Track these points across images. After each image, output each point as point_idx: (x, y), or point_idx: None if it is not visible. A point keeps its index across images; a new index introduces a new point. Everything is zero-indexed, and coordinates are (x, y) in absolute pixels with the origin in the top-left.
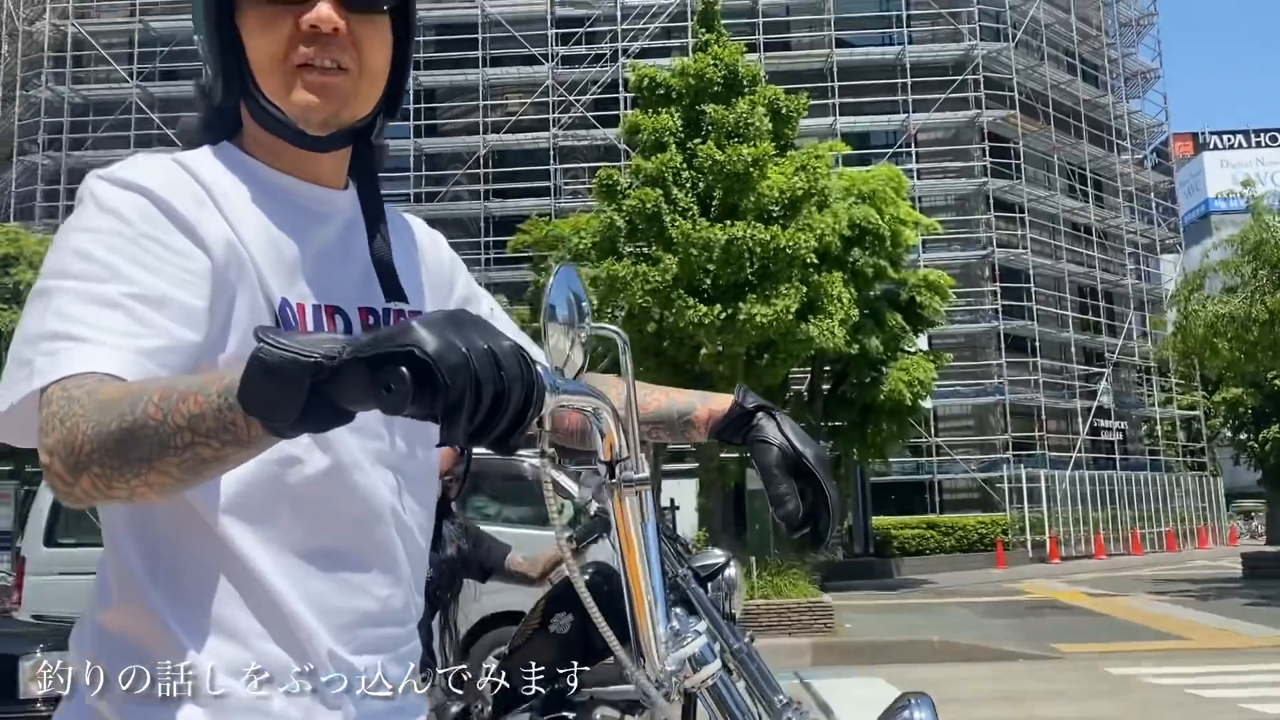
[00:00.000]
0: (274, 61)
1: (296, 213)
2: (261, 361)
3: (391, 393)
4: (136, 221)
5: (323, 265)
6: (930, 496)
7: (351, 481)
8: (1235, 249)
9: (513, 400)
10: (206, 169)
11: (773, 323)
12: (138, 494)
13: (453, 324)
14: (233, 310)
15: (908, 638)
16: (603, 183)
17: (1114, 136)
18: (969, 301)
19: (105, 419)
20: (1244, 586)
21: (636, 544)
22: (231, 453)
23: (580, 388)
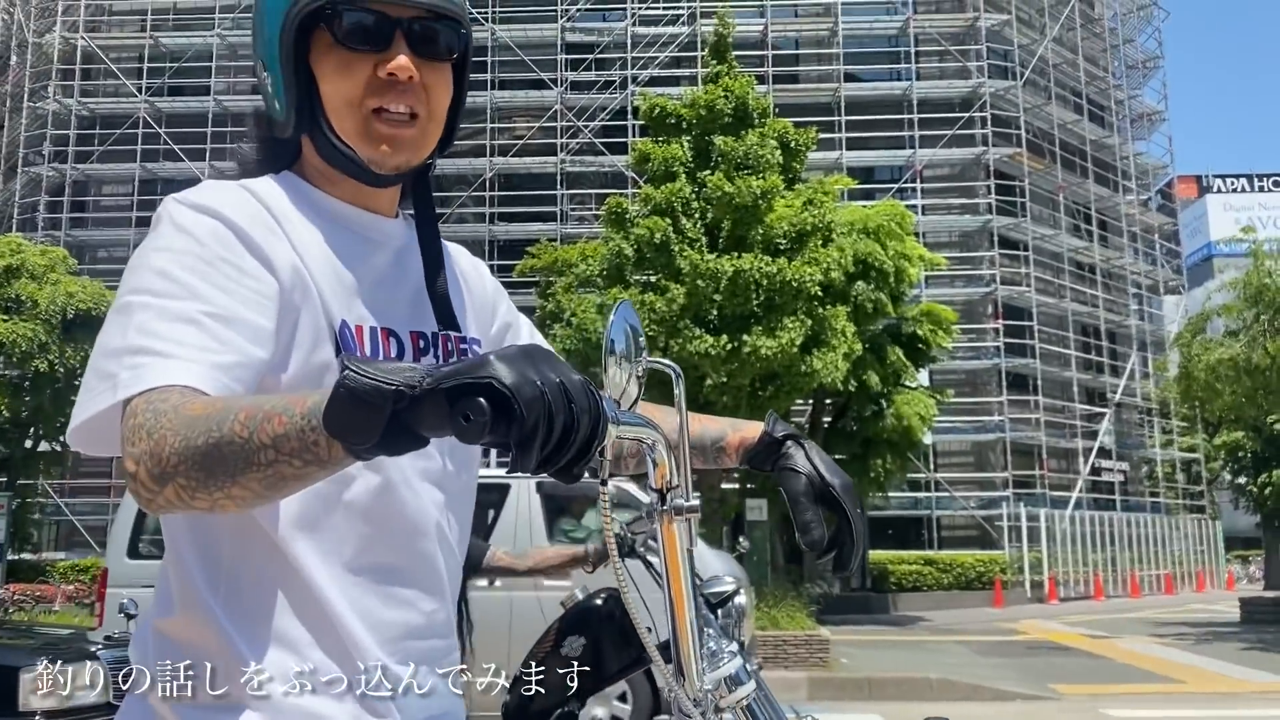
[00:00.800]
0: (350, 105)
1: (354, 239)
2: (347, 388)
3: (470, 422)
4: (211, 244)
5: (378, 289)
6: (928, 532)
7: (401, 498)
8: (1237, 293)
9: (581, 431)
10: (273, 197)
11: (777, 355)
12: (219, 505)
13: (528, 358)
14: (296, 330)
15: (905, 675)
16: (612, 210)
17: (1119, 177)
18: (971, 338)
19: (192, 434)
20: (1241, 631)
21: (682, 567)
22: (312, 471)
23: (637, 419)
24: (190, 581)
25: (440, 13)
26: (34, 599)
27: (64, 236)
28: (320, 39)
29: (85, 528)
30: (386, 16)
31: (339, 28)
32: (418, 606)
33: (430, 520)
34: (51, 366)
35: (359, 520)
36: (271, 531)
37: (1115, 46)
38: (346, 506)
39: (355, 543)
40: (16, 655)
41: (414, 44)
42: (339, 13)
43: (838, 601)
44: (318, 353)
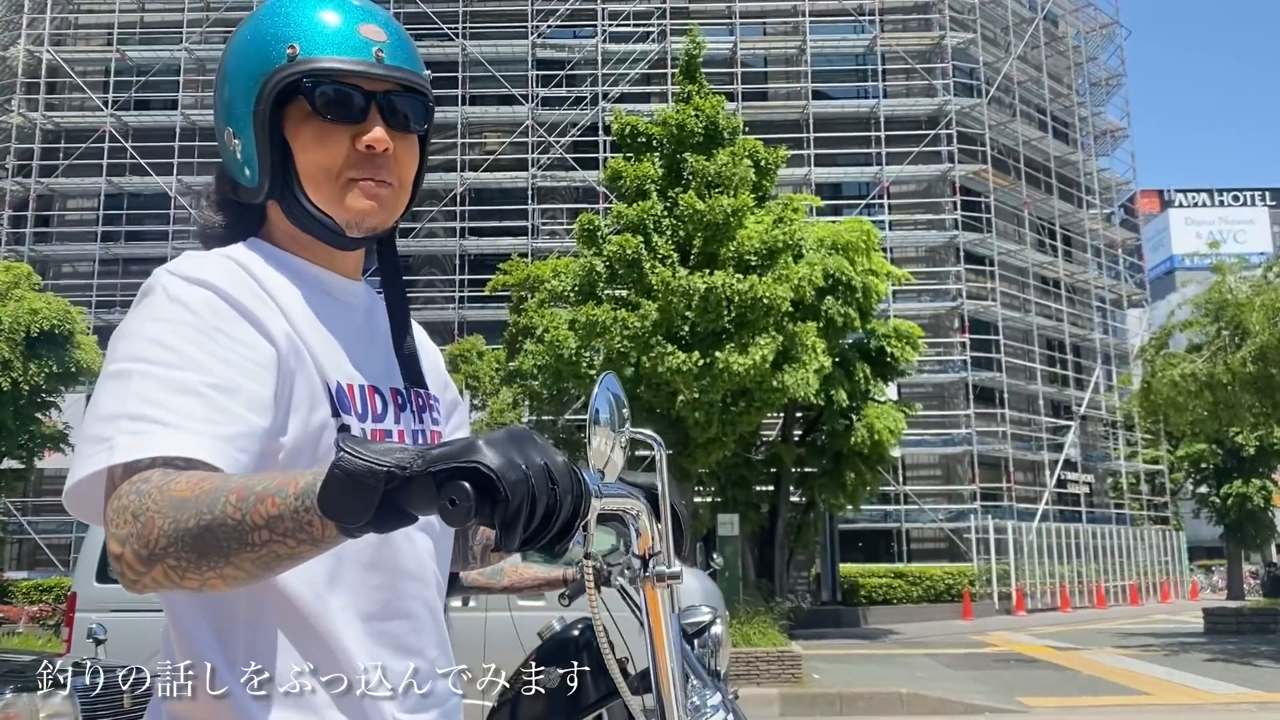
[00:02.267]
0: (327, 175)
1: (331, 302)
2: (342, 469)
3: (455, 506)
4: (206, 314)
5: (357, 349)
6: (898, 545)
7: (401, 548)
8: (1199, 310)
9: (563, 511)
10: (256, 264)
11: (749, 371)
12: (209, 585)
13: (514, 442)
14: (293, 394)
15: (876, 690)
16: (584, 227)
17: (1083, 193)
18: (938, 352)
19: (181, 515)
20: (1206, 641)
21: (665, 632)
22: (305, 551)
23: (620, 490)
24: (200, 652)
25: (410, 86)
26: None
27: (28, 251)
28: (295, 109)
29: (49, 546)
30: (363, 90)
31: (317, 100)
32: (423, 654)
33: (428, 568)
34: (15, 384)
35: (367, 571)
36: (293, 590)
37: (1079, 64)
38: (355, 558)
39: (367, 594)
40: None
41: (387, 116)
42: (317, 85)
43: (809, 616)
44: (316, 414)
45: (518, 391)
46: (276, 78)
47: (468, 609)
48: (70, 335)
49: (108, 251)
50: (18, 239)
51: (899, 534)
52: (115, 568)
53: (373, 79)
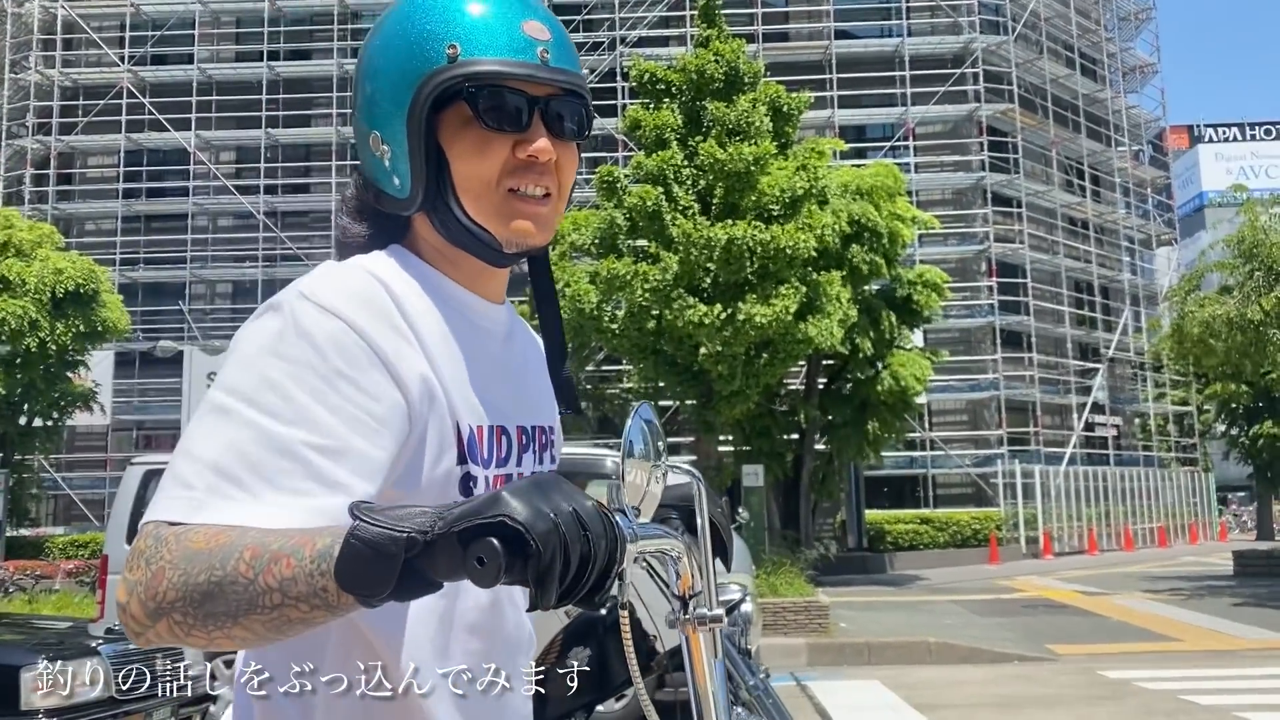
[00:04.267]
0: (487, 186)
1: (473, 331)
2: (358, 539)
3: (484, 566)
4: (332, 356)
5: (490, 383)
6: (924, 491)
7: (506, 613)
8: (1231, 250)
9: (599, 559)
10: (399, 283)
11: (772, 323)
12: (215, 643)
13: (539, 490)
14: (425, 440)
15: (903, 638)
16: (603, 179)
17: (1111, 131)
18: (965, 296)
19: (193, 569)
20: (1235, 585)
21: (707, 675)
22: (319, 616)
23: (656, 531)
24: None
25: (571, 89)
26: (34, 577)
27: (51, 210)
28: (453, 114)
29: (83, 501)
30: (526, 95)
31: (480, 106)
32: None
33: (526, 633)
34: (43, 343)
35: (469, 636)
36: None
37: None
38: (458, 621)
39: (466, 660)
40: (17, 654)
41: (549, 123)
42: (481, 90)
43: (835, 563)
44: (443, 460)
45: None
46: (435, 80)
47: None
48: (96, 294)
49: (129, 208)
50: (40, 197)
51: (925, 480)
52: (120, 617)
53: (538, 83)
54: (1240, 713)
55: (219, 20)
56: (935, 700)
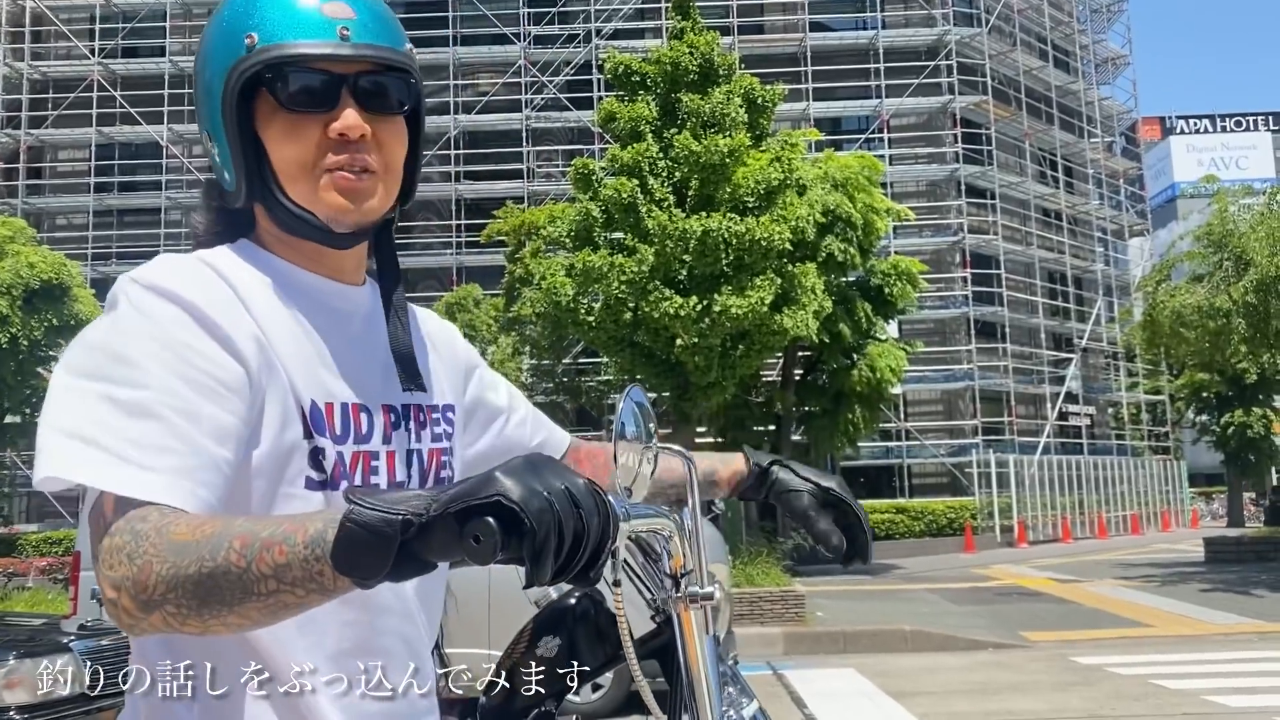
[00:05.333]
0: (302, 169)
1: (321, 311)
2: (354, 523)
3: (480, 543)
4: (172, 329)
5: (347, 363)
6: (899, 481)
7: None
8: (1201, 241)
9: (592, 535)
10: (232, 270)
11: (748, 314)
12: (211, 630)
13: (532, 470)
14: (264, 412)
15: (879, 627)
16: (579, 171)
17: (1084, 122)
18: (939, 287)
19: (182, 561)
20: (1206, 571)
21: (699, 653)
22: (315, 600)
23: (649, 512)
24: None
25: (387, 64)
26: (7, 575)
27: (21, 205)
28: (263, 105)
29: (57, 498)
30: (330, 74)
31: (282, 91)
32: (397, 687)
33: (410, 603)
34: (14, 339)
35: (341, 607)
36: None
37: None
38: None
39: (338, 630)
40: None
41: (362, 100)
42: (281, 75)
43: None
44: (287, 433)
45: (516, 340)
46: (237, 71)
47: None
48: (67, 289)
49: (101, 203)
50: (11, 192)
51: (901, 470)
52: (110, 611)
53: (340, 61)
54: (1209, 695)
55: (190, 12)
56: (911, 688)
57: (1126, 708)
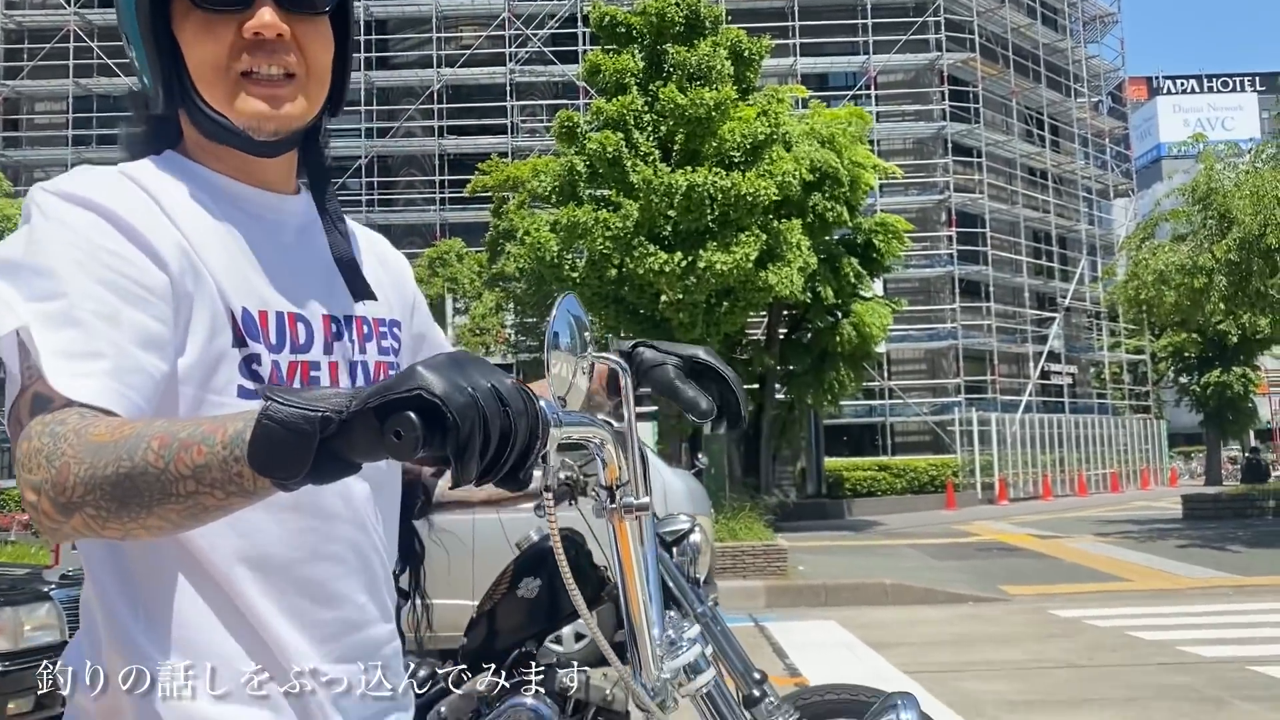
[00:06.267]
0: (217, 71)
1: (249, 220)
2: (271, 420)
3: (401, 439)
4: (89, 234)
5: (282, 272)
6: (882, 439)
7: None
8: (1185, 198)
9: (519, 436)
10: (154, 180)
11: (732, 271)
12: (132, 534)
13: (457, 366)
14: (191, 318)
15: (860, 580)
16: (563, 124)
17: (1071, 81)
18: (925, 246)
19: (99, 462)
20: (1183, 527)
21: (635, 564)
22: (236, 502)
23: (583, 419)
24: (109, 604)
25: None
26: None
27: None
28: (179, 5)
29: None
30: None
31: None
32: (352, 600)
33: (360, 512)
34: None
35: (287, 513)
36: (184, 535)
37: None
38: (271, 501)
39: (283, 538)
40: None
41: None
42: None
43: (794, 510)
44: (215, 341)
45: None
46: None
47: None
48: None
49: (79, 155)
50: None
51: (884, 428)
52: (31, 515)
53: None
54: (1183, 646)
55: None
56: (891, 639)
57: (1103, 657)
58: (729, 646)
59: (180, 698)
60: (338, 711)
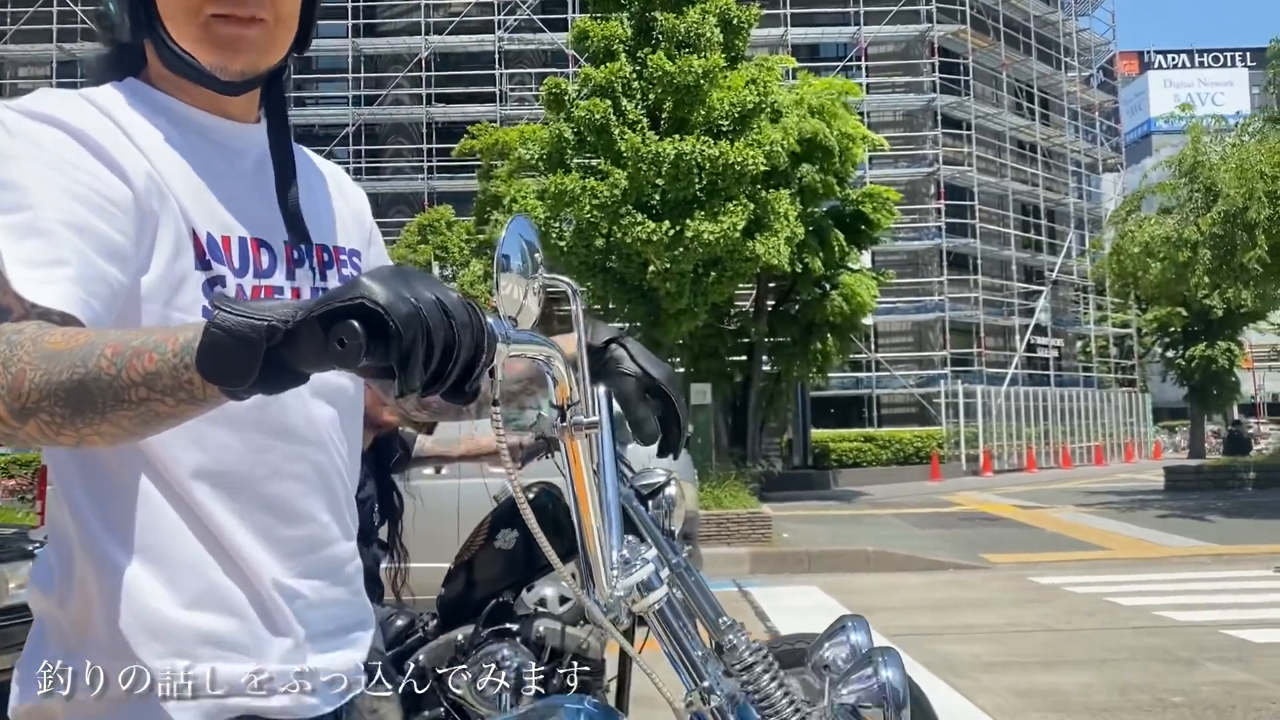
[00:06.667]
0: (185, 11)
1: (212, 148)
2: (218, 327)
3: (345, 347)
4: (53, 149)
5: (243, 199)
6: (868, 410)
7: (292, 409)
8: (1173, 171)
9: (464, 348)
10: (117, 107)
11: (720, 240)
12: (87, 441)
13: (401, 277)
14: (156, 238)
15: (843, 547)
16: (550, 91)
17: (1062, 54)
18: (913, 219)
19: (54, 368)
20: (1165, 499)
21: (586, 481)
22: (186, 410)
23: (531, 337)
24: (78, 511)
25: None
26: None
27: None
28: None
29: None
30: None
31: None
32: (316, 518)
33: (323, 433)
34: None
35: (251, 432)
36: (155, 449)
37: None
38: (235, 420)
39: (246, 456)
40: None
41: None
42: None
43: (780, 480)
44: (179, 262)
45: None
46: None
47: (440, 477)
48: None
49: None
50: None
51: (870, 400)
52: None
53: None
54: (1159, 611)
55: None
56: (872, 604)
57: (1080, 622)
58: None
59: (147, 604)
60: (301, 624)
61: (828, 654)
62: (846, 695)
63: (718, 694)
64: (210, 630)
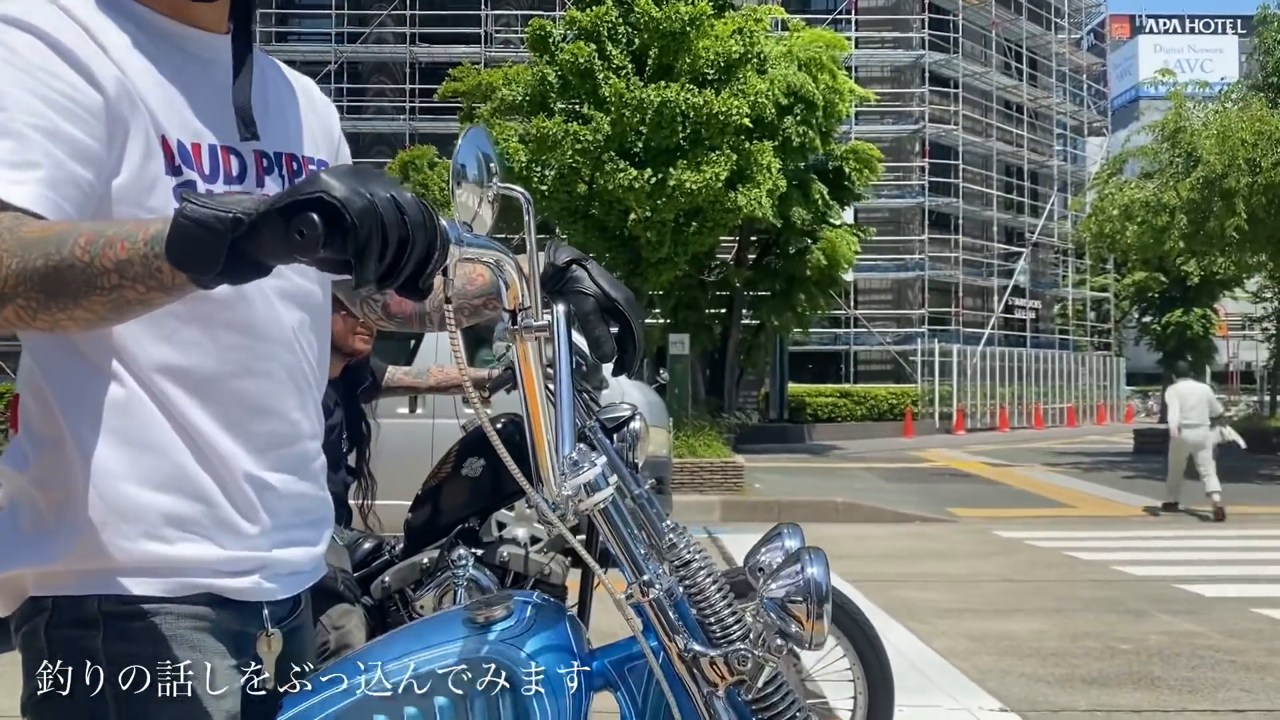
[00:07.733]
0: None
1: (182, 57)
2: (186, 218)
3: (304, 237)
4: (25, 53)
5: (212, 107)
6: (845, 366)
7: (260, 310)
8: (1155, 135)
9: (418, 244)
10: (87, 14)
11: (702, 190)
12: (60, 326)
13: (358, 175)
14: (127, 142)
15: (813, 498)
16: (535, 33)
17: (1052, 15)
18: (897, 176)
19: (30, 255)
20: (1133, 460)
21: (536, 383)
22: (156, 297)
23: (483, 241)
24: (55, 399)
25: None
26: None
27: None
28: None
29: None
30: None
31: None
32: (285, 415)
33: (290, 335)
34: None
35: (221, 330)
36: (127, 340)
37: None
38: (205, 318)
39: (215, 353)
40: None
41: None
42: None
43: (755, 431)
44: (149, 166)
45: None
46: None
47: (415, 416)
48: None
49: None
50: None
51: (847, 356)
52: None
53: None
54: (1117, 566)
55: None
56: (839, 552)
57: (1038, 574)
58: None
59: (115, 485)
60: (269, 514)
61: (763, 558)
62: (775, 590)
63: (656, 587)
64: (177, 512)
